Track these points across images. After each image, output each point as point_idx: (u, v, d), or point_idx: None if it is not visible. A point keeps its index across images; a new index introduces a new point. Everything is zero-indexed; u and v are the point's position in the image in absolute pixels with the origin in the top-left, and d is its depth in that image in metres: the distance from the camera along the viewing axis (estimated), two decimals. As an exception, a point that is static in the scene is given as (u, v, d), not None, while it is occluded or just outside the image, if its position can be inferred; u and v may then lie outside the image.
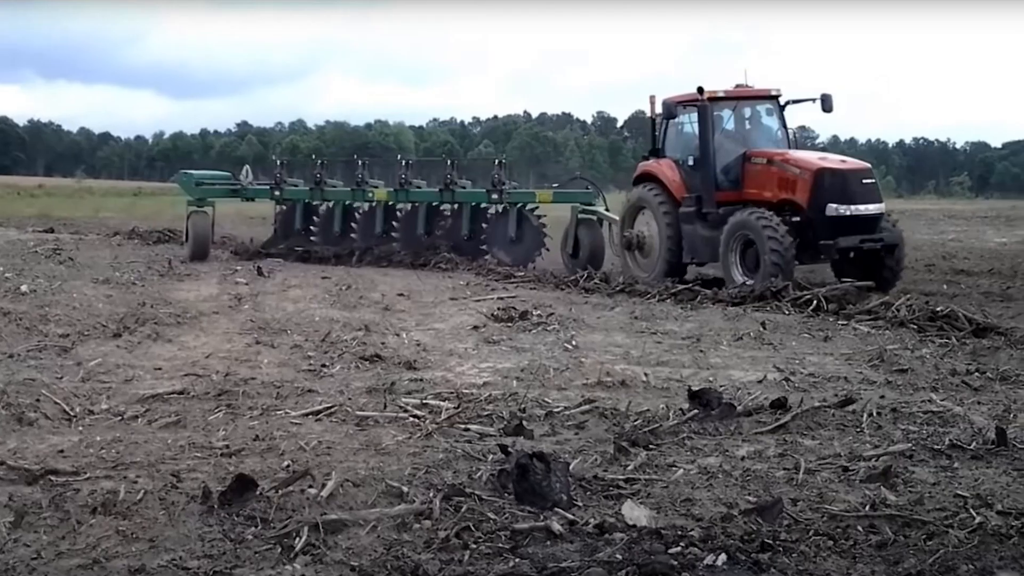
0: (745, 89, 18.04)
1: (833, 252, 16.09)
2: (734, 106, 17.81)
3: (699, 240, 17.16)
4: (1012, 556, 4.51)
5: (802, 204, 16.11)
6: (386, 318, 12.64)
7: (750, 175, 17.07)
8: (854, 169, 16.67)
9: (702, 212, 17.13)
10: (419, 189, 22.01)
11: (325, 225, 23.38)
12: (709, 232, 16.91)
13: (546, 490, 5.29)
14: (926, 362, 9.67)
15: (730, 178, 17.23)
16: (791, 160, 16.70)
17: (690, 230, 17.29)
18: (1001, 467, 6.04)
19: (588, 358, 9.84)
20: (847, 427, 7.04)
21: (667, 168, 17.95)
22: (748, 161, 17.14)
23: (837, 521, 4.99)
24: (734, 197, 16.95)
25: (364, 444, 6.56)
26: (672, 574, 4.20)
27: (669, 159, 18.15)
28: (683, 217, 17.41)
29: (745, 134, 17.93)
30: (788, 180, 16.43)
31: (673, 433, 6.82)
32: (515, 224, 20.38)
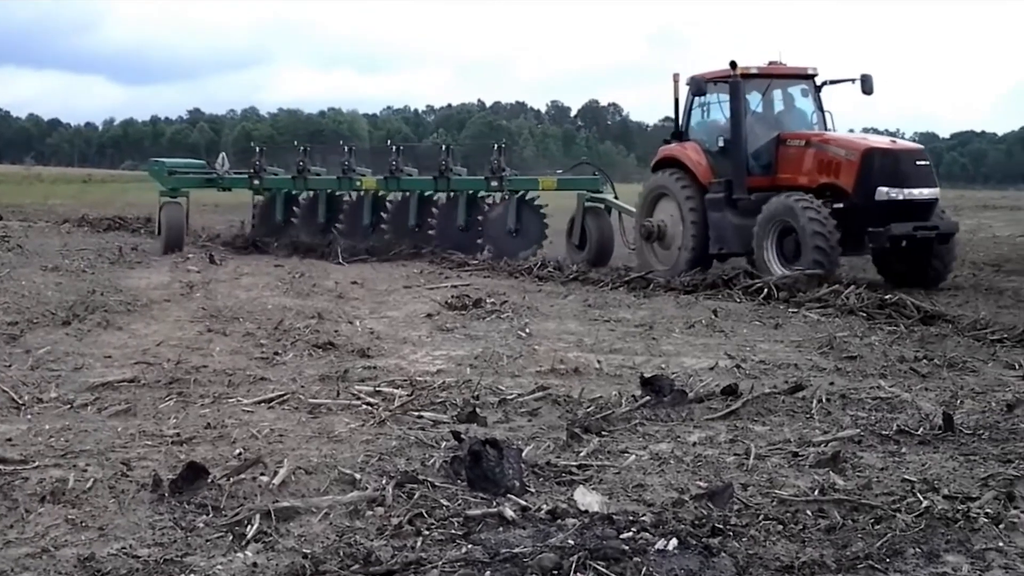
0: (779, 67, 16.76)
1: (884, 240, 14.70)
2: (767, 85, 16.58)
3: (729, 229, 15.98)
4: (958, 539, 4.57)
5: (847, 189, 14.94)
6: (339, 306, 12.60)
7: (784, 159, 15.92)
8: (907, 149, 15.48)
9: (732, 198, 15.98)
10: (411, 177, 20.68)
11: (308, 216, 21.98)
12: (740, 220, 15.74)
13: (499, 476, 5.31)
14: (875, 349, 9.79)
15: (761, 163, 16.12)
16: (834, 141, 15.58)
17: (718, 218, 16.12)
18: (948, 452, 6.12)
19: (541, 346, 9.87)
20: (797, 413, 7.12)
21: (692, 152, 16.73)
22: (783, 144, 15.99)
23: (786, 506, 5.04)
24: (766, 183, 15.87)
25: (317, 432, 6.54)
26: (623, 559, 4.22)
27: (694, 142, 16.89)
28: (710, 204, 16.24)
29: (778, 116, 16.78)
30: (830, 163, 15.27)
31: (625, 420, 6.86)
32: (515, 214, 19.14)
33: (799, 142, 15.85)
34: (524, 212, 19.22)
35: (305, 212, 22.14)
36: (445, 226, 19.80)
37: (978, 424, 6.70)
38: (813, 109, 16.79)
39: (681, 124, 17.28)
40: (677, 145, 17.16)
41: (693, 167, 16.55)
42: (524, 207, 19.27)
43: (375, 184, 20.83)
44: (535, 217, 19.26)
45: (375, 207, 20.94)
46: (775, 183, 15.77)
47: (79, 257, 18.03)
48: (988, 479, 5.52)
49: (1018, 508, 4.98)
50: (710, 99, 16.87)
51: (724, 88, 16.43)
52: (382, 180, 20.65)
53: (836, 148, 15.36)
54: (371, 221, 20.82)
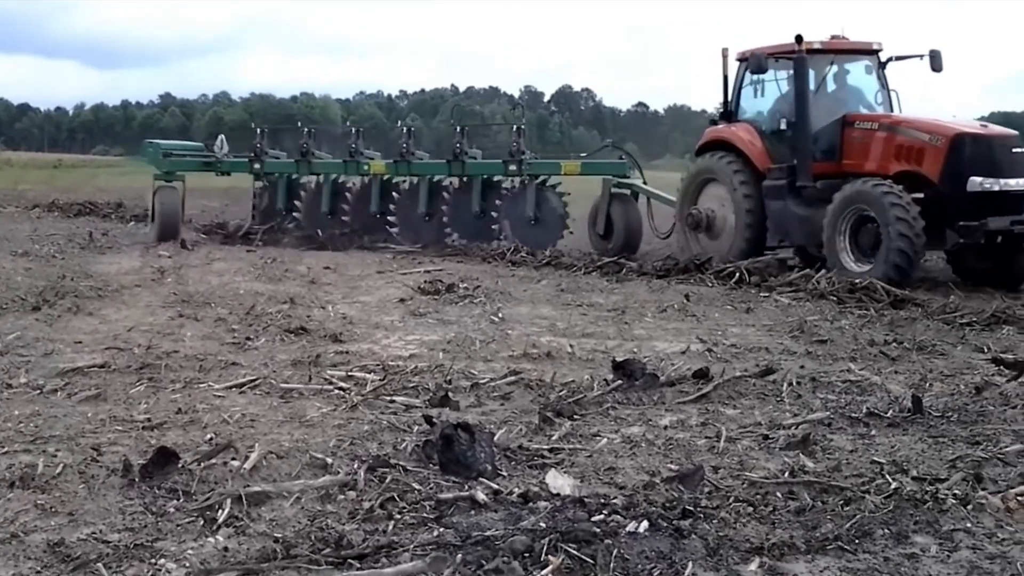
0: (842, 41, 15.34)
1: (979, 236, 13.16)
2: (830, 61, 15.18)
3: (790, 219, 14.57)
4: (926, 520, 4.61)
5: (931, 178, 13.43)
6: (312, 291, 12.56)
7: (851, 143, 14.46)
8: (1001, 135, 13.88)
9: (795, 186, 14.51)
10: (422, 160, 19.33)
11: (311, 204, 20.42)
12: (804, 210, 14.35)
13: (471, 460, 5.31)
14: (845, 333, 9.86)
15: (822, 147, 14.68)
16: (913, 124, 14.04)
17: (778, 207, 14.67)
18: (917, 434, 6.17)
19: (514, 330, 9.88)
20: (767, 396, 7.16)
21: (745, 134, 15.36)
22: (849, 126, 14.55)
23: (757, 488, 5.07)
24: (831, 169, 14.46)
25: (288, 416, 6.53)
26: (594, 541, 4.23)
27: (747, 123, 15.55)
28: (768, 192, 14.82)
29: (841, 95, 15.32)
30: (911, 148, 13.77)
31: (597, 403, 6.88)
32: (534, 201, 17.80)
33: (869, 124, 14.43)
34: (544, 198, 17.93)
35: (309, 199, 20.66)
36: (458, 214, 18.60)
37: (947, 406, 6.76)
38: (878, 88, 15.38)
39: (730, 104, 15.95)
40: (727, 127, 15.83)
41: (747, 151, 15.17)
42: (544, 193, 17.96)
43: (384, 168, 19.53)
44: (556, 204, 17.92)
45: (383, 193, 19.58)
46: (840, 169, 14.43)
47: (49, 242, 17.91)
48: (956, 461, 5.57)
49: (986, 489, 5.02)
50: (764, 76, 15.35)
51: (784, 65, 15.03)
52: (391, 164, 19.41)
53: (918, 132, 13.84)
54: (379, 208, 19.52)
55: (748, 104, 15.82)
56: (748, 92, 15.79)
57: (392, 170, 19.38)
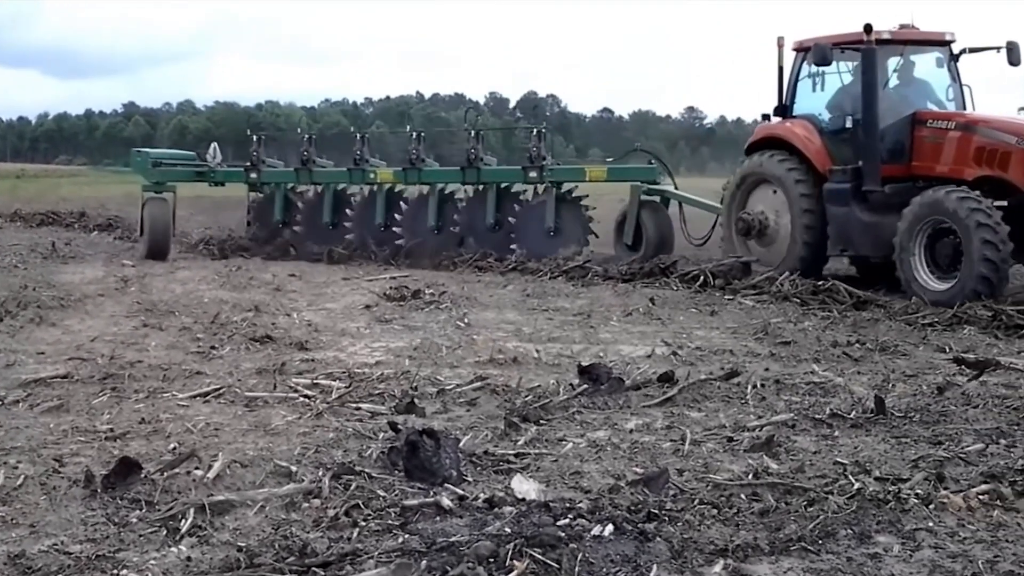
0: (913, 31, 14.01)
1: None
2: (900, 52, 13.85)
3: (855, 226, 13.22)
4: (889, 520, 4.64)
5: (1019, 184, 12.10)
6: (277, 299, 12.52)
7: (922, 143, 13.16)
8: None
9: (860, 190, 13.17)
10: (433, 168, 18.14)
11: (311, 215, 19.23)
12: (870, 216, 13.03)
13: (436, 466, 5.30)
14: (808, 334, 9.92)
15: (888, 146, 13.26)
16: (998, 125, 12.64)
17: (841, 213, 13.34)
18: (879, 435, 6.21)
19: (480, 336, 9.88)
20: (732, 399, 7.19)
21: (803, 131, 14.02)
22: (919, 125, 13.24)
23: (721, 490, 5.09)
24: (898, 172, 13.17)
25: (253, 425, 6.49)
26: (560, 546, 4.23)
27: (804, 120, 14.19)
28: (830, 195, 13.48)
29: (908, 90, 14.04)
30: (994, 152, 12.40)
31: (563, 408, 6.89)
32: (553, 210, 16.60)
33: (943, 123, 13.11)
34: (564, 207, 16.71)
35: (308, 210, 19.47)
36: (471, 225, 17.44)
37: (909, 407, 6.81)
38: (949, 82, 14.06)
39: (785, 98, 14.55)
40: (782, 123, 14.49)
41: (805, 150, 13.85)
42: (564, 202, 16.77)
43: (392, 177, 18.36)
44: (577, 213, 16.67)
45: (389, 204, 18.44)
46: (910, 172, 13.19)
47: (11, 252, 17.80)
48: (919, 461, 5.61)
49: (948, 489, 5.05)
50: (826, 68, 13.99)
51: (850, 56, 13.70)
52: (400, 172, 18.20)
53: (1002, 133, 12.48)
54: (384, 220, 18.32)
55: (805, 99, 14.43)
56: (805, 86, 14.43)
57: (401, 178, 18.26)
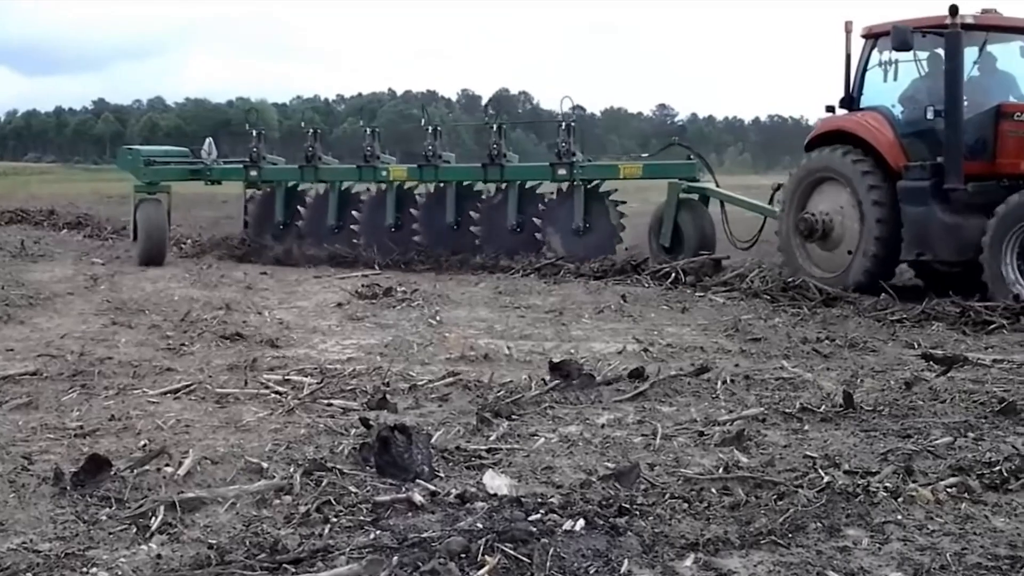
0: (997, 17, 12.83)
1: None
2: (983, 40, 12.69)
3: (935, 228, 12.06)
4: (858, 513, 4.67)
5: None
6: (248, 297, 12.48)
7: (1006, 138, 12.13)
8: None
9: (942, 188, 12.02)
10: (450, 164, 17.08)
11: (316, 216, 17.97)
12: (952, 217, 11.95)
13: (408, 462, 5.30)
14: (778, 331, 9.98)
15: (970, 142, 12.25)
16: None
17: (919, 214, 12.18)
18: (848, 429, 6.26)
19: (452, 333, 9.89)
20: (702, 394, 7.23)
21: (874, 123, 12.85)
22: (1005, 118, 12.19)
23: (692, 484, 5.11)
24: (981, 169, 12.19)
25: (224, 421, 6.47)
26: (531, 541, 4.24)
27: (875, 112, 12.99)
28: (906, 194, 12.31)
29: (990, 80, 12.95)
30: None
31: (535, 404, 6.90)
32: (583, 209, 15.63)
33: None
34: (594, 206, 15.72)
35: (313, 210, 18.23)
36: (492, 225, 16.33)
37: (877, 402, 6.86)
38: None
39: (852, 88, 13.42)
40: (850, 115, 13.33)
41: (877, 144, 12.67)
42: (594, 200, 15.78)
43: (405, 174, 17.28)
44: (608, 212, 15.70)
45: (400, 203, 17.30)
46: (993, 170, 12.22)
47: (-21, 251, 17.63)
48: (887, 454, 5.66)
49: (916, 482, 5.10)
50: (898, 55, 12.87)
51: (931, 43, 12.62)
52: (415, 169, 17.08)
53: None
54: (395, 220, 17.20)
55: (875, 89, 13.25)
56: (875, 76, 13.26)
57: (416, 176, 17.14)
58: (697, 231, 15.27)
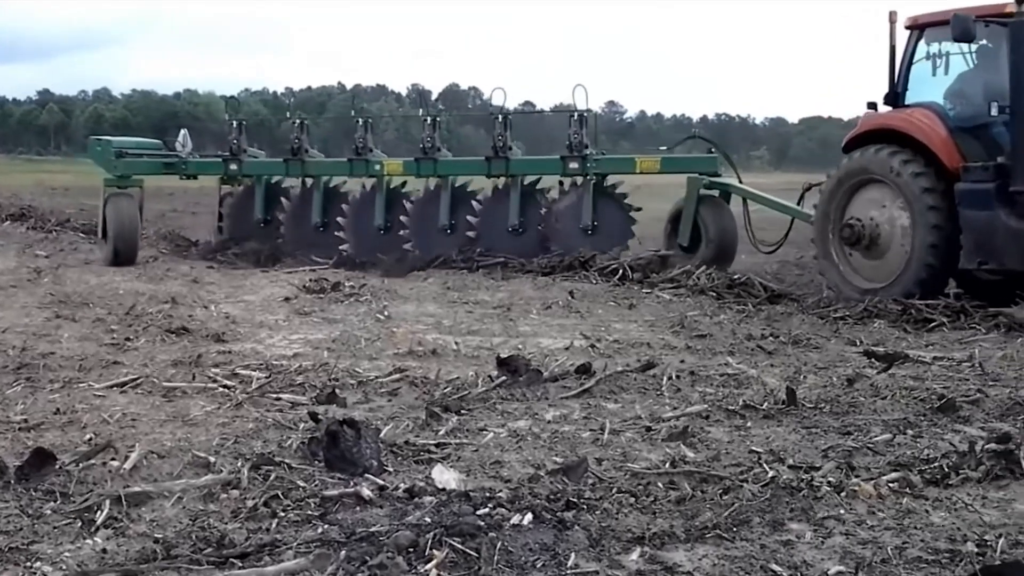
0: None
1: None
2: None
3: (1002, 235, 10.95)
4: (801, 508, 4.73)
5: None
6: (194, 291, 12.39)
7: None
8: None
9: (1008, 191, 10.91)
10: (449, 159, 15.96)
11: (298, 214, 16.79)
12: (1021, 223, 10.84)
13: (356, 456, 5.30)
14: (724, 327, 10.08)
15: None
16: None
17: (980, 219, 11.09)
18: (791, 425, 6.34)
19: (400, 328, 9.89)
20: (648, 390, 7.28)
21: (926, 120, 11.74)
22: None
23: (639, 478, 5.16)
24: None
25: (171, 415, 6.44)
26: (479, 535, 4.27)
27: (925, 109, 11.90)
28: (965, 198, 11.18)
29: None
30: None
31: (483, 399, 6.92)
32: (591, 206, 14.80)
33: None
34: (603, 203, 14.91)
35: (295, 208, 16.98)
36: (492, 225, 15.30)
37: (820, 398, 6.94)
38: None
39: (897, 82, 12.35)
40: (896, 112, 12.25)
41: (931, 144, 11.56)
42: (603, 197, 14.95)
43: (401, 169, 16.20)
44: (618, 209, 14.95)
45: (391, 201, 16.20)
46: None
47: (-82, 243, 17.34)
48: (829, 450, 5.73)
49: (858, 477, 5.17)
50: (948, 47, 11.99)
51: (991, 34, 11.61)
52: (411, 163, 15.95)
53: None
54: (385, 220, 16.07)
55: (922, 84, 12.26)
56: (921, 70, 12.28)
57: (413, 170, 16.02)
58: (718, 230, 14.38)
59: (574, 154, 14.77)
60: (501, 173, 15.34)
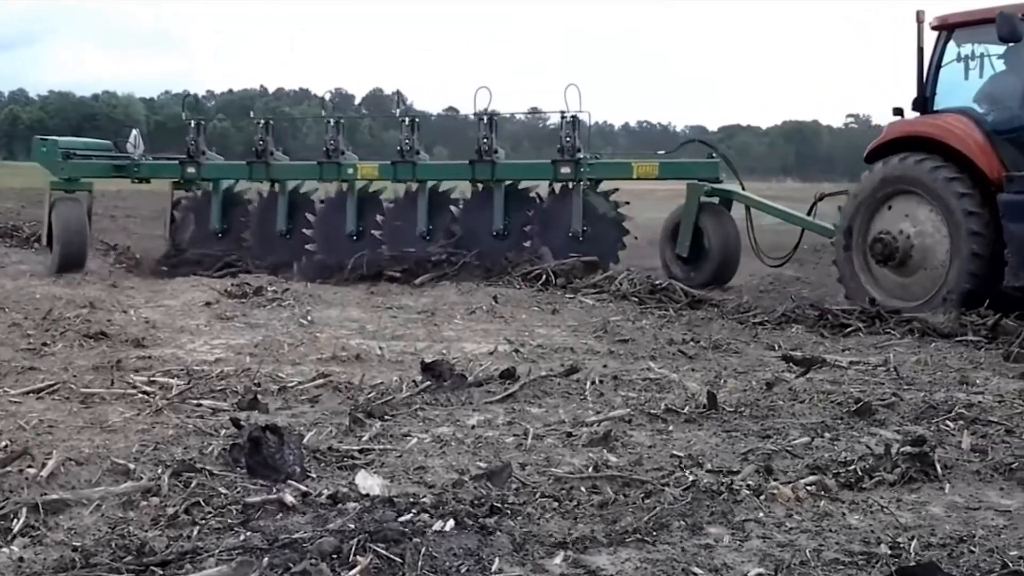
0: None
1: None
2: None
3: None
4: (721, 511, 4.80)
5: None
6: (113, 295, 12.22)
7: None
8: None
9: None
10: (427, 162, 15.33)
11: (262, 222, 15.94)
12: None
13: (279, 463, 5.27)
14: (646, 332, 10.18)
15: None
16: None
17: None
18: (712, 429, 6.42)
19: (323, 333, 9.85)
20: (572, 395, 7.33)
21: (960, 126, 11.07)
22: None
23: (562, 483, 5.19)
24: None
25: (89, 422, 6.34)
26: (403, 540, 4.26)
27: (959, 114, 11.25)
28: (1010, 210, 10.51)
29: None
30: None
31: (407, 404, 6.92)
32: (580, 212, 14.19)
33: None
34: (594, 209, 14.31)
35: (258, 215, 16.17)
36: (472, 231, 14.69)
37: (740, 402, 7.04)
38: None
39: (925, 87, 11.62)
40: (929, 119, 11.55)
41: (968, 151, 10.90)
42: (594, 202, 14.35)
43: (376, 172, 15.42)
44: (610, 216, 14.33)
45: (363, 207, 15.43)
46: None
47: None
48: (749, 454, 5.81)
49: (776, 480, 5.25)
50: (981, 48, 11.42)
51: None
52: (387, 167, 15.21)
53: None
54: (357, 227, 15.37)
55: (952, 88, 11.61)
56: (952, 71, 11.66)
57: (389, 174, 15.25)
58: (721, 240, 13.72)
59: (566, 158, 14.18)
60: (486, 178, 14.66)
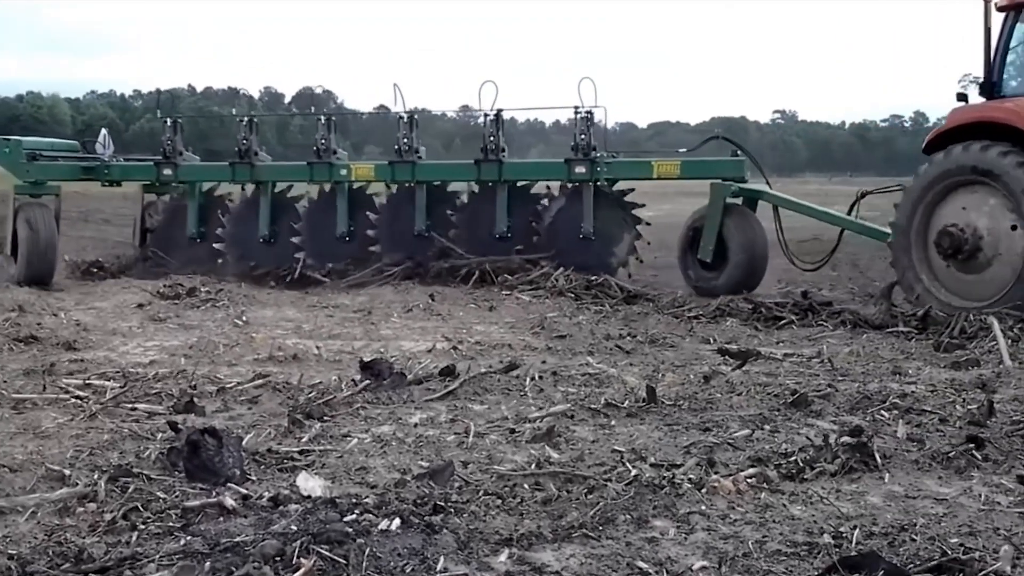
0: None
1: None
2: None
3: None
4: (664, 505, 4.82)
5: None
6: (42, 298, 12.02)
7: None
8: None
9: None
10: (429, 162, 14.68)
11: (242, 225, 15.07)
12: None
13: (218, 466, 5.21)
14: (583, 328, 10.22)
15: None
16: None
17: None
18: (653, 423, 6.45)
19: (259, 333, 9.77)
20: (512, 391, 7.34)
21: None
22: None
23: (505, 480, 5.19)
24: None
25: (21, 428, 6.22)
26: (347, 541, 4.23)
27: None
28: None
29: None
30: None
31: (347, 404, 6.88)
32: (591, 212, 13.53)
33: None
34: (606, 209, 13.61)
35: (237, 218, 15.17)
36: (474, 232, 14.04)
37: (678, 395, 7.09)
38: None
39: (993, 70, 10.71)
40: (996, 103, 10.67)
41: None
42: (606, 202, 13.64)
43: (372, 173, 14.61)
44: (623, 217, 13.64)
45: (355, 207, 14.66)
46: None
47: None
48: (690, 447, 5.85)
49: (718, 473, 5.29)
50: None
51: None
52: (384, 167, 14.47)
53: None
54: (348, 228, 14.63)
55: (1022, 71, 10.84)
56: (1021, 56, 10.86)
57: (386, 174, 14.48)
58: (746, 244, 12.86)
59: (580, 157, 13.44)
60: (492, 178, 13.96)
